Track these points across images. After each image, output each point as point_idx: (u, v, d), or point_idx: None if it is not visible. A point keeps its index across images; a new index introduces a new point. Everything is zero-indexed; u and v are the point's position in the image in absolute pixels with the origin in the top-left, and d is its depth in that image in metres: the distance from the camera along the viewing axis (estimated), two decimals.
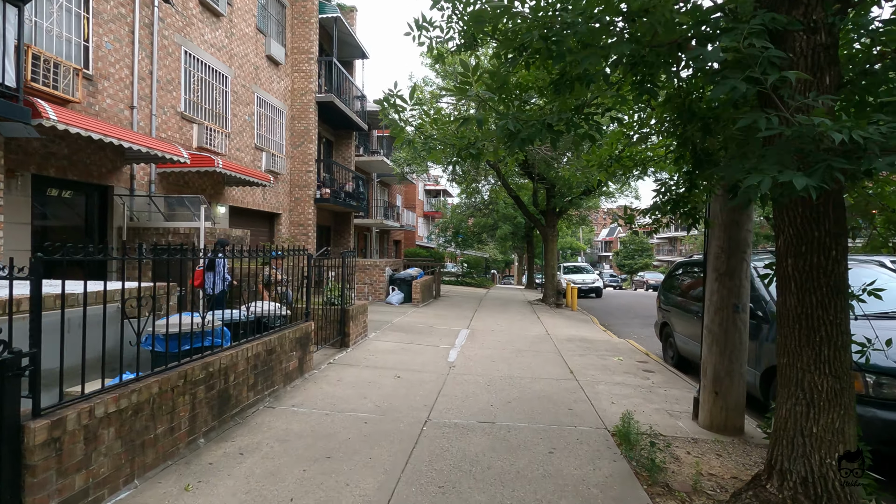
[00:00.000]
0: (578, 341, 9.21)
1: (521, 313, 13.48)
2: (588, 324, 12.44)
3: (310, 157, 14.40)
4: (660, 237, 64.79)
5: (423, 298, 14.26)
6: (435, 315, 12.01)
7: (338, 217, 18.12)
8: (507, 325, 11.03)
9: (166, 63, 9.11)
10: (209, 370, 3.91)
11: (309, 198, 14.41)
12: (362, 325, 8.26)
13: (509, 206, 27.25)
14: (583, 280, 23.42)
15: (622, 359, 7.64)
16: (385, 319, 10.65)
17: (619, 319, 14.25)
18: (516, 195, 17.34)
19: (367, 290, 14.17)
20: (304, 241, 14.40)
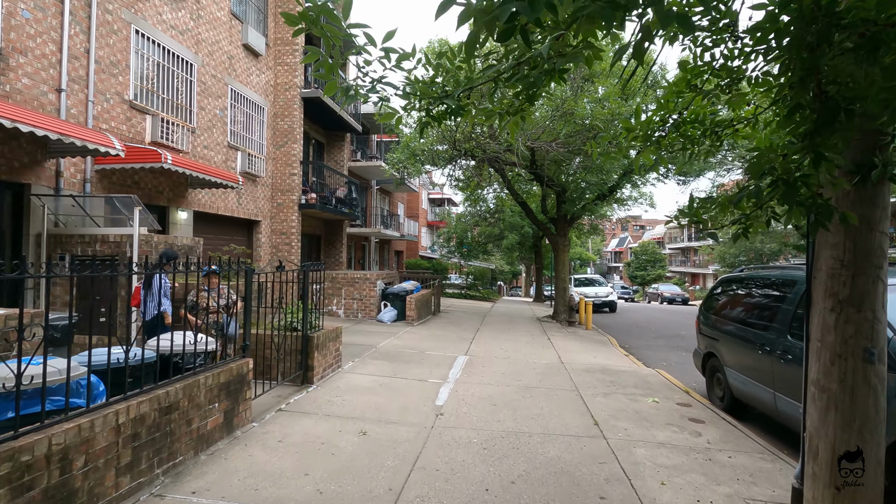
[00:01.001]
0: (599, 372, 7.61)
1: (528, 333, 11.89)
2: (606, 346, 10.82)
3: (294, 159, 13.00)
4: (672, 247, 62.90)
5: (418, 315, 12.72)
6: (430, 336, 10.46)
7: (329, 225, 16.70)
8: (513, 349, 9.45)
9: (110, 42, 7.74)
10: (25, 458, 2.39)
11: (292, 203, 12.99)
12: (333, 355, 6.73)
13: (516, 214, 25.74)
14: (595, 293, 21.77)
15: (658, 400, 6.03)
16: (369, 343, 9.12)
17: (640, 340, 12.60)
18: (523, 201, 15.83)
19: (357, 306, 12.68)
20: (287, 252, 12.95)
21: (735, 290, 6.26)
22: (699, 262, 56.12)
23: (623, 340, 12.24)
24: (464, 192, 21.63)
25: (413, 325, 11.98)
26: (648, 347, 11.35)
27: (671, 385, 7.01)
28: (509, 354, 8.79)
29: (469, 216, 29.57)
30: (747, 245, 32.60)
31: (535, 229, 25.83)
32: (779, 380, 4.73)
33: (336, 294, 12.75)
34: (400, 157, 12.85)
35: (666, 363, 9.43)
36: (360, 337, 9.75)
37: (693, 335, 13.40)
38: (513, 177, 17.01)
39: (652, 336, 13.30)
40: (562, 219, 15.26)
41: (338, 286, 12.75)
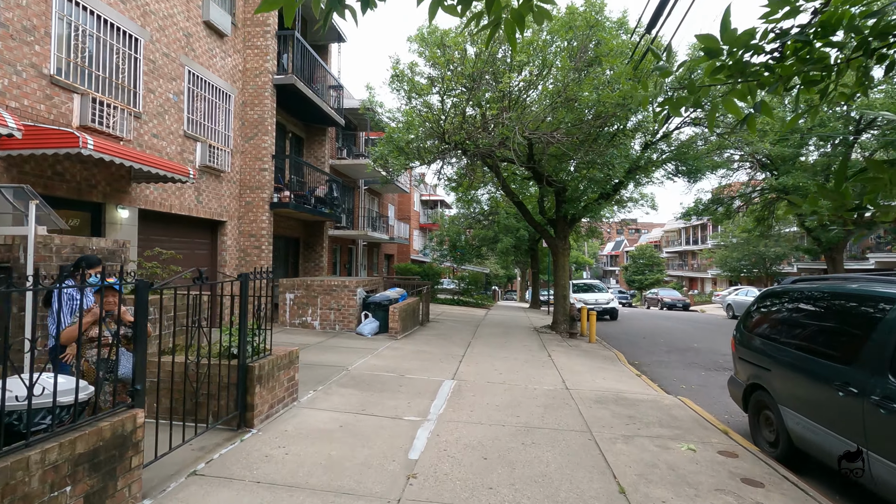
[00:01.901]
0: (613, 402, 6.32)
1: (526, 348, 10.59)
2: (614, 364, 9.54)
3: (264, 153, 11.67)
4: (669, 251, 61.96)
5: (403, 327, 11.40)
6: (414, 353, 9.14)
7: (309, 227, 15.36)
8: (509, 369, 8.15)
9: (22, 3, 6.41)
10: None
11: (263, 202, 11.65)
12: (285, 387, 5.40)
13: (511, 216, 24.50)
14: (596, 300, 20.52)
15: (695, 448, 4.74)
16: (341, 363, 7.79)
17: (650, 355, 11.34)
18: (519, 201, 14.56)
19: (334, 316, 11.34)
20: (257, 257, 11.61)
21: (790, 306, 4.99)
22: (697, 266, 55.15)
23: (631, 355, 10.97)
24: (455, 192, 20.37)
25: (396, 339, 10.66)
26: (661, 364, 10.08)
27: (703, 421, 5.72)
28: (505, 377, 7.48)
29: (462, 218, 28.32)
30: (750, 249, 31.54)
31: (532, 232, 24.60)
32: (874, 434, 3.46)
33: (311, 304, 11.41)
34: (382, 151, 11.55)
35: (686, 386, 8.16)
36: (332, 355, 8.42)
37: (710, 350, 12.22)
38: (508, 176, 15.77)
39: (663, 350, 12.03)
40: (561, 220, 14.00)
41: (313, 295, 11.41)
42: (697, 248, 54.38)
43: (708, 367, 9.75)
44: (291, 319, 11.49)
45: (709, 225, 49.86)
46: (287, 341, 9.49)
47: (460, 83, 10.70)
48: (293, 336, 10.23)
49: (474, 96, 10.65)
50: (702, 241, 52.94)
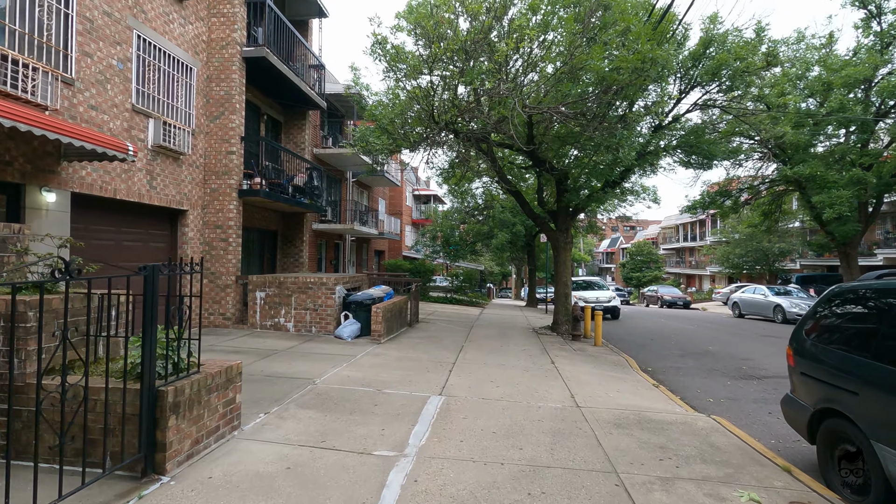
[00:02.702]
0: (636, 426, 5.14)
1: (526, 353, 9.41)
2: (626, 372, 8.38)
3: (232, 134, 10.41)
4: (667, 248, 61.09)
5: (388, 329, 10.19)
6: (397, 361, 7.93)
7: (288, 220, 14.10)
8: (507, 380, 6.96)
9: None
10: None
11: (230, 189, 10.39)
12: (219, 414, 4.17)
13: (507, 210, 23.33)
14: (596, 298, 19.39)
15: (758, 498, 3.56)
16: (309, 374, 6.57)
17: (663, 359, 10.19)
18: (516, 190, 13.38)
19: (310, 318, 10.10)
20: (223, 251, 10.35)
21: (880, 310, 3.80)
22: (695, 263, 54.27)
23: (642, 360, 9.82)
24: (447, 183, 19.16)
25: (379, 343, 9.45)
26: (678, 372, 8.93)
27: (753, 453, 4.55)
28: (502, 391, 6.29)
29: (456, 213, 27.10)
30: (754, 245, 30.54)
31: (529, 226, 23.44)
32: None
33: (284, 303, 10.17)
34: (364, 132, 10.30)
35: (713, 400, 7.00)
36: (301, 364, 7.19)
37: (728, 354, 10.88)
38: (505, 165, 14.58)
39: (675, 354, 10.89)
40: (563, 211, 12.83)
41: (286, 293, 10.17)
42: (695, 245, 53.49)
43: (731, 375, 8.61)
44: (262, 321, 10.25)
45: (707, 221, 48.98)
46: (250, 347, 8.25)
47: (452, 60, 9.48)
48: (261, 340, 8.99)
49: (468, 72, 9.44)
50: (700, 238, 52.03)
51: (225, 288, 10.32)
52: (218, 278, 10.34)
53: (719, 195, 19.43)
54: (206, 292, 10.33)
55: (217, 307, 10.33)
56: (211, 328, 10.22)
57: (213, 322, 10.32)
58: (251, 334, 9.68)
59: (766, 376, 8.49)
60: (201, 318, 4.40)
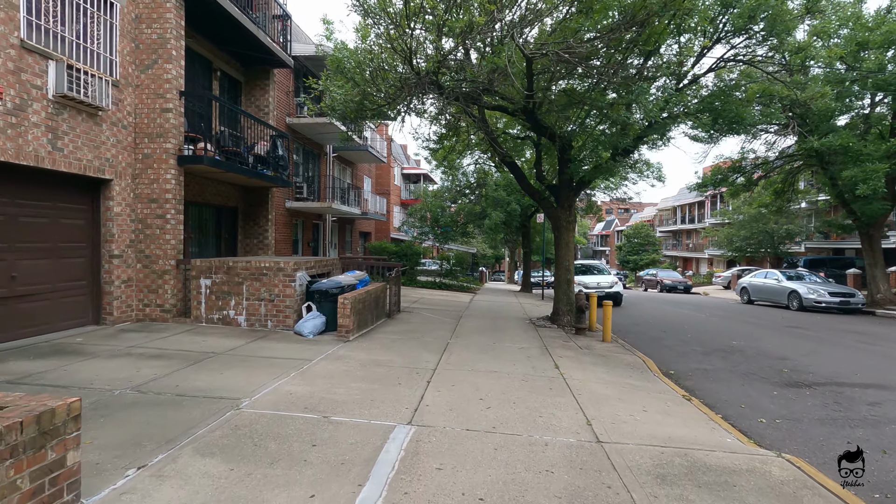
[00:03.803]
0: (686, 478, 3.56)
1: (524, 354, 7.83)
2: (647, 378, 6.82)
3: (168, 87, 8.57)
4: (663, 230, 59.78)
5: (359, 323, 8.55)
6: (361, 368, 6.30)
7: (250, 195, 12.33)
8: (501, 397, 5.36)
9: None
10: None
11: (166, 155, 8.59)
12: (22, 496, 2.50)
13: (501, 187, 21.62)
14: (597, 284, 17.86)
15: None
16: (238, 392, 4.93)
17: (683, 357, 8.66)
18: (512, 161, 11.67)
19: (266, 309, 8.43)
20: (161, 230, 8.61)
21: None
22: (692, 245, 53.00)
23: (661, 360, 8.27)
24: (436, 157, 17.38)
25: (346, 342, 7.81)
26: (708, 376, 7.39)
27: None
28: (495, 416, 4.68)
29: (446, 192, 25.35)
30: (760, 226, 29.09)
31: (524, 206, 21.76)
32: None
33: (234, 292, 8.49)
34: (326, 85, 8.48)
35: (765, 420, 5.45)
36: (234, 374, 5.55)
37: (756, 350, 8.77)
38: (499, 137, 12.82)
39: (697, 350, 9.35)
40: (565, 185, 11.14)
41: (236, 281, 8.48)
42: (693, 228, 52.16)
43: (773, 381, 7.08)
44: (208, 314, 8.56)
45: (707, 202, 47.54)
46: (179, 349, 6.56)
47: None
48: (200, 339, 7.32)
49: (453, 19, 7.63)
50: (699, 220, 50.65)
51: (163, 274, 8.60)
52: (154, 262, 8.60)
53: (732, 171, 17.82)
54: (140, 279, 8.61)
55: (153, 297, 8.61)
56: (146, 322, 8.53)
57: (148, 315, 8.62)
58: (192, 330, 8.01)
59: (817, 383, 6.96)
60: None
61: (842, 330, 12.19)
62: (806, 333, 11.53)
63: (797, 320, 14.13)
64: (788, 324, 13.30)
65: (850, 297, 16.43)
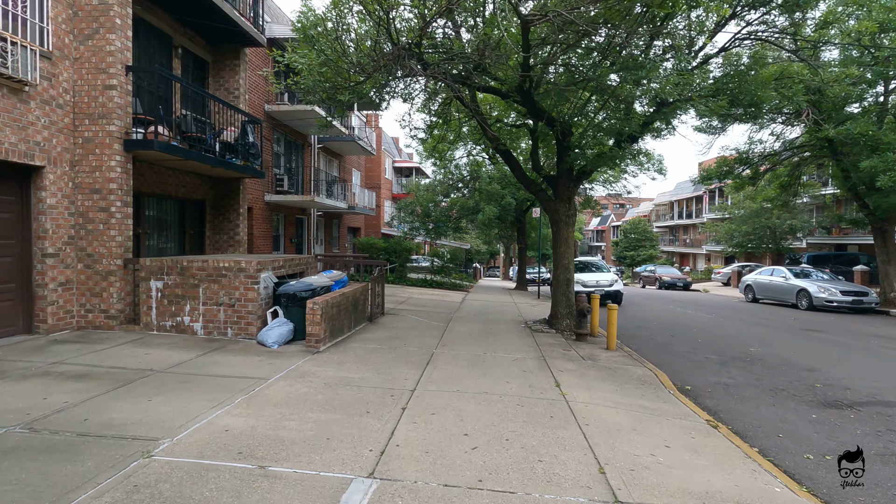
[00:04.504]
0: None
1: (519, 368, 6.84)
2: (663, 398, 5.84)
3: (113, 62, 7.47)
4: (659, 226, 59.01)
5: (332, 331, 7.53)
6: (325, 390, 5.28)
7: (219, 186, 11.25)
8: (491, 432, 4.36)
9: None
10: None
11: (110, 139, 7.51)
12: None
13: (495, 180, 20.59)
14: (596, 282, 16.91)
15: None
16: (156, 429, 3.90)
17: (698, 367, 7.70)
18: (506, 149, 10.65)
19: (226, 316, 7.39)
20: (105, 224, 7.54)
21: None
22: (689, 241, 52.26)
23: (674, 372, 7.31)
24: (425, 147, 16.32)
25: (316, 353, 6.79)
26: (729, 392, 6.42)
27: None
28: (482, 461, 3.68)
29: (438, 185, 24.29)
30: (762, 221, 28.24)
31: (519, 199, 20.75)
32: None
33: (190, 295, 7.44)
34: (291, 57, 7.41)
35: (812, 455, 4.49)
36: (166, 400, 4.51)
37: (777, 358, 8.08)
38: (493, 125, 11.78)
39: (712, 359, 8.39)
40: (564, 176, 10.13)
41: (192, 283, 7.44)
42: (691, 223, 51.39)
43: (807, 399, 6.13)
44: (160, 320, 7.51)
45: (705, 197, 46.74)
46: (112, 366, 5.51)
47: None
48: (142, 351, 6.28)
49: None
50: (696, 215, 49.86)
51: (108, 276, 7.53)
52: (97, 262, 7.53)
53: (739, 163, 16.87)
54: (81, 282, 7.55)
55: (97, 302, 7.55)
56: (87, 331, 7.47)
57: (92, 322, 7.55)
58: (138, 340, 6.96)
59: (858, 402, 6.01)
60: None
61: (863, 333, 11.29)
62: (826, 338, 10.61)
63: (811, 321, 13.23)
64: (803, 326, 12.39)
65: (862, 295, 15.56)
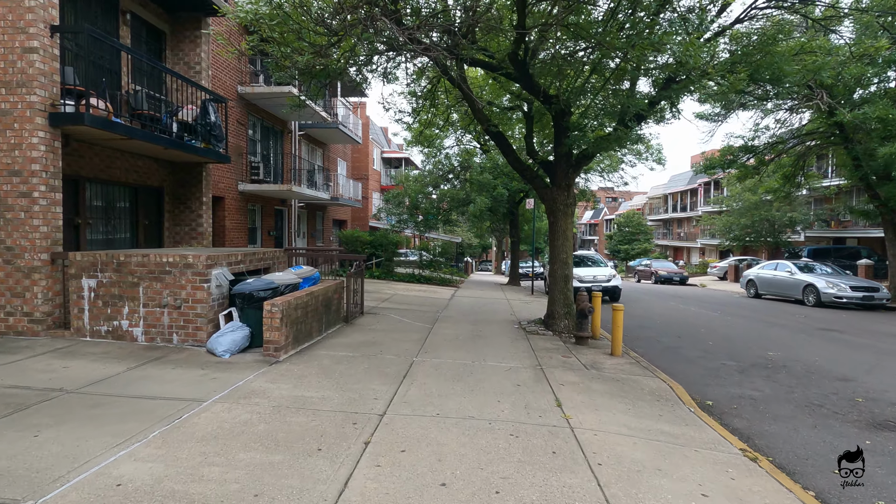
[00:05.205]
0: None
1: (512, 380, 5.85)
2: (685, 419, 4.87)
3: (31, 20, 6.32)
4: (653, 219, 58.35)
5: (296, 336, 6.49)
6: (271, 416, 4.26)
7: (179, 172, 10.12)
8: (474, 473, 3.38)
9: None
10: None
11: (31, 112, 6.37)
12: None
13: (486, 170, 19.55)
14: (593, 277, 15.98)
15: None
16: (25, 484, 2.86)
17: (715, 377, 6.75)
18: (497, 131, 9.60)
19: (171, 319, 6.32)
20: (25, 213, 6.42)
21: None
22: (684, 235, 51.65)
23: (690, 381, 6.35)
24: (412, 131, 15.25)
25: (276, 362, 5.75)
26: (759, 409, 5.47)
27: None
28: None
29: (428, 175, 23.21)
30: (761, 214, 27.47)
31: (512, 189, 19.72)
32: None
33: (129, 295, 6.36)
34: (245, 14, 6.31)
35: (885, 501, 3.53)
36: (50, 439, 3.46)
37: (801, 364, 7.07)
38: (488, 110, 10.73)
39: (731, 366, 7.43)
40: (563, 160, 9.12)
41: (131, 281, 6.35)
42: (685, 216, 50.74)
43: (849, 416, 5.20)
44: (94, 324, 6.43)
45: (700, 190, 46.05)
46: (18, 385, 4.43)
47: None
48: (61, 364, 5.20)
49: None
50: (691, 209, 49.19)
51: (31, 272, 6.42)
52: (18, 257, 6.42)
53: (743, 151, 15.96)
54: (1, 279, 6.43)
55: (19, 303, 6.44)
56: (9, 336, 6.37)
57: (12, 326, 6.45)
58: (63, 349, 5.87)
59: None
60: None
61: (884, 334, 10.44)
62: (846, 339, 9.74)
63: (824, 320, 12.38)
64: (817, 324, 11.53)
65: (873, 291, 14.77)
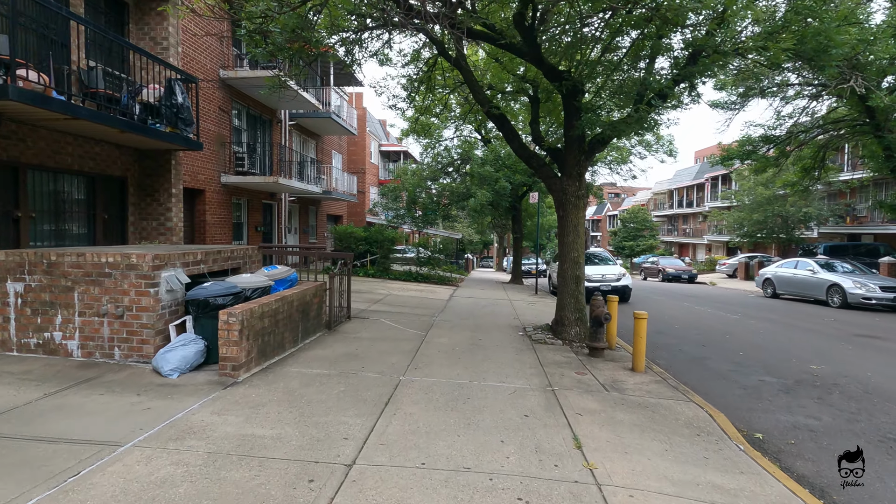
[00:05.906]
0: None
1: (517, 410, 4.85)
2: (741, 467, 3.84)
3: None
4: (658, 215, 57.22)
5: (261, 350, 5.48)
6: (205, 469, 3.26)
7: (145, 160, 9.10)
8: None
9: None
10: None
11: None
12: None
13: (488, 162, 18.49)
14: (602, 276, 14.95)
15: None
16: None
17: (755, 397, 5.72)
18: (499, 114, 8.55)
19: (111, 330, 5.33)
20: None
21: None
22: (689, 231, 50.55)
23: (729, 404, 5.33)
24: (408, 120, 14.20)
25: (234, 383, 4.74)
26: (822, 445, 4.44)
27: None
28: None
29: (426, 168, 22.17)
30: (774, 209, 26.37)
31: (515, 182, 18.64)
32: None
33: (63, 302, 5.36)
34: None
35: None
36: None
37: (851, 379, 6.04)
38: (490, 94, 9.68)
39: (772, 384, 6.39)
40: (574, 146, 8.07)
41: (65, 285, 5.35)
42: (691, 212, 49.63)
43: None
44: (21, 336, 5.42)
45: (707, 185, 44.92)
46: None
47: None
48: None
49: None
50: (697, 204, 48.06)
51: None
52: None
53: (763, 142, 14.89)
54: None
55: None
56: None
57: None
58: None
59: None
60: None
61: None
62: (892, 347, 8.70)
63: (856, 323, 11.34)
64: (851, 329, 10.49)
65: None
